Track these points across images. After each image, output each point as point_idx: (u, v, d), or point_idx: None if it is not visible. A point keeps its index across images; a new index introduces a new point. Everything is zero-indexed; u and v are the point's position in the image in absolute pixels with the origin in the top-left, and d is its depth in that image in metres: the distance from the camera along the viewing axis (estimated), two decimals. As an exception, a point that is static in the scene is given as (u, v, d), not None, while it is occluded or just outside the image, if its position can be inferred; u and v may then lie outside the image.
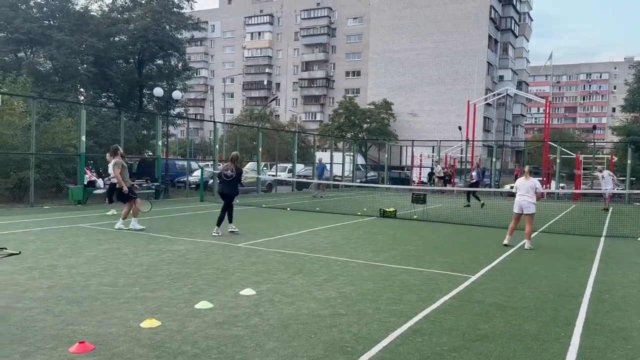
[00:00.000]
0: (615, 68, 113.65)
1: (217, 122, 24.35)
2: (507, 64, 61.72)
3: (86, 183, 16.90)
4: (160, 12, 27.21)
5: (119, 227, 10.84)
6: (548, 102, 33.24)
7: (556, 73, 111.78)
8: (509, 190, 13.92)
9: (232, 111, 79.16)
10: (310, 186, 26.39)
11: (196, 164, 29.64)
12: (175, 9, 28.62)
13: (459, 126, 40.62)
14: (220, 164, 24.86)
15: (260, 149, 25.52)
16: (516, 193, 10.11)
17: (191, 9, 30.39)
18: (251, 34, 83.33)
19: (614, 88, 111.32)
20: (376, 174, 38.78)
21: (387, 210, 15.22)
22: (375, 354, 4.22)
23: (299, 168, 30.68)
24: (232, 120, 59.99)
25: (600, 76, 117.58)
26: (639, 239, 11.69)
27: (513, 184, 10.44)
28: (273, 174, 30.31)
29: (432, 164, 30.23)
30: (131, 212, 11.00)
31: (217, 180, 13.85)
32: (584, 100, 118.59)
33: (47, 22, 25.56)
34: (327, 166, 27.59)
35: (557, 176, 27.44)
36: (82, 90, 26.66)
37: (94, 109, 22.12)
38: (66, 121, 18.60)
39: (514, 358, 4.25)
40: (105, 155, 13.94)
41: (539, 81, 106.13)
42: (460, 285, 6.69)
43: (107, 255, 8.08)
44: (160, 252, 8.49)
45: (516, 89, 55.87)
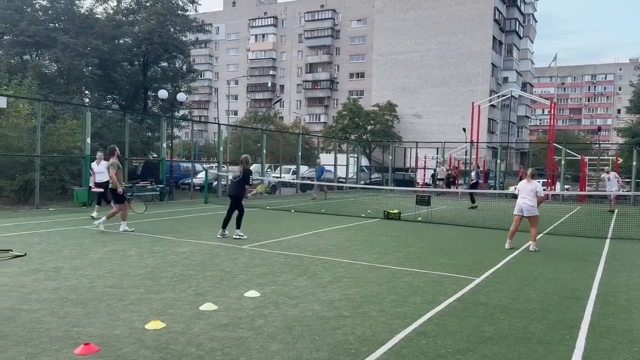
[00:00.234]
0: (620, 69, 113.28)
1: (221, 124, 24.42)
2: (511, 65, 61.59)
3: (91, 185, 16.92)
4: (165, 14, 27.28)
5: (124, 229, 10.86)
6: (553, 104, 33.10)
7: (561, 74, 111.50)
8: (513, 192, 13.88)
9: (236, 113, 79.32)
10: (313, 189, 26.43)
11: (200, 166, 29.67)
12: (179, 11, 28.68)
13: (464, 128, 40.56)
14: (225, 166, 24.97)
15: (264, 150, 25.56)
16: (518, 195, 10.11)
17: (195, 11, 30.45)
18: (255, 36, 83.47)
19: (619, 89, 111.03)
20: (380, 175, 38.83)
21: (391, 212, 15.21)
22: (380, 356, 4.22)
23: (303, 170, 30.73)
24: (236, 122, 60.10)
25: (605, 77, 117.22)
26: (644, 241, 11.64)
27: (517, 186, 10.44)
28: (277, 175, 30.35)
29: (436, 165, 30.19)
30: (120, 215, 10.95)
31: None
32: (588, 101, 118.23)
33: (53, 25, 25.69)
34: (326, 168, 27.59)
35: (562, 178, 27.38)
36: (87, 92, 26.79)
37: (99, 111, 22.19)
38: (71, 123, 18.67)
39: (518, 360, 4.23)
40: (97, 154, 13.83)
41: (543, 82, 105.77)
42: (465, 288, 6.68)
43: (112, 257, 8.10)
44: (164, 254, 8.51)
45: (521, 90, 55.72)
